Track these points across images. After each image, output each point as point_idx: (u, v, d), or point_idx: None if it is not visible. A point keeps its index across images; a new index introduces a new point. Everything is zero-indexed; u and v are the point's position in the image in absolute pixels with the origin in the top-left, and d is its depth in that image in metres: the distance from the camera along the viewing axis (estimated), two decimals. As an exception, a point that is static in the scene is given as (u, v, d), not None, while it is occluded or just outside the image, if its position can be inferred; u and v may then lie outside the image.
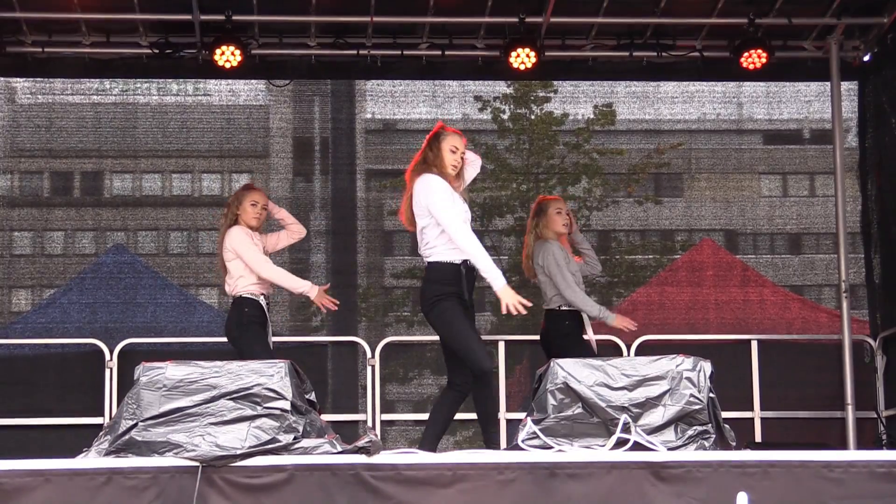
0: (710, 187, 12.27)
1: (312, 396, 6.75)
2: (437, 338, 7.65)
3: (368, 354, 10.45)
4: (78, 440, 7.24)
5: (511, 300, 7.23)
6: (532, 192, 14.15)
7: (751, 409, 10.50)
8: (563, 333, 8.65)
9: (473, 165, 7.70)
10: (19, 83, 11.75)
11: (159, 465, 6.25)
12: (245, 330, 8.42)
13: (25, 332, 11.10)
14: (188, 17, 10.07)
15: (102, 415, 10.02)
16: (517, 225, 13.48)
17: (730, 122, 12.43)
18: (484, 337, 12.57)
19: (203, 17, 10.09)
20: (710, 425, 6.65)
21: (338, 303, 8.45)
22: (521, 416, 6.95)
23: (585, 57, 10.82)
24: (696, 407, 6.63)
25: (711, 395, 6.71)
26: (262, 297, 8.50)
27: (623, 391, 6.68)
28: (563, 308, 8.66)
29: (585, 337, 8.64)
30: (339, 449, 6.42)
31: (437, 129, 7.56)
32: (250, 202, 8.66)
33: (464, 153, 7.53)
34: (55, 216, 12.17)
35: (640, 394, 6.67)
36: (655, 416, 6.63)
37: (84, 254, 12.09)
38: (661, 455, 6.44)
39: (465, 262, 7.33)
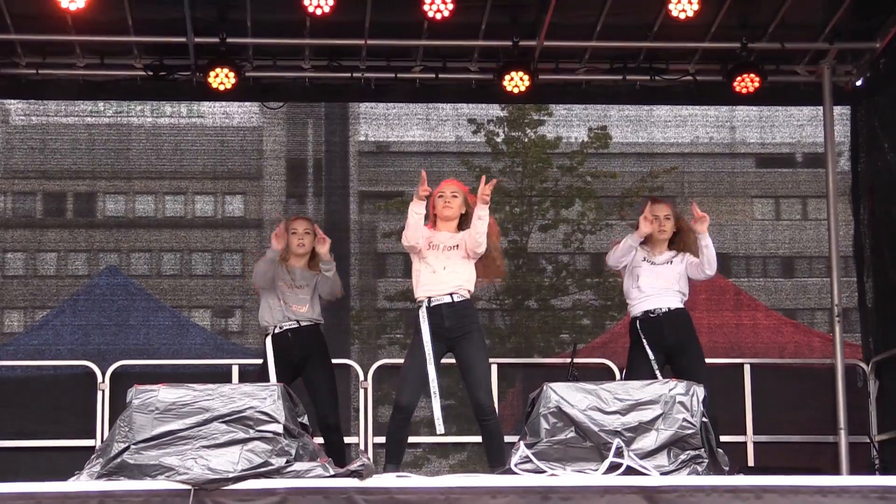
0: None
1: (305, 420, 6.74)
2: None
3: (361, 377, 10.43)
4: (70, 463, 7.21)
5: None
6: (525, 214, 14.17)
7: (744, 433, 10.48)
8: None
9: None
10: (13, 105, 11.76)
11: (151, 488, 6.23)
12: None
13: (18, 354, 11.08)
14: (182, 39, 10.08)
15: (94, 437, 9.99)
16: (510, 248, 13.49)
17: (723, 145, 12.46)
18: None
19: (197, 40, 10.11)
20: (703, 450, 6.65)
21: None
22: (514, 439, 6.95)
23: (579, 80, 10.86)
24: (689, 431, 6.63)
25: (704, 419, 6.71)
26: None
27: (616, 415, 6.67)
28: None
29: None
30: (332, 472, 6.40)
31: None
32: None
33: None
34: (48, 237, 12.16)
35: (633, 418, 6.66)
36: (648, 441, 6.62)
37: (77, 275, 12.07)
38: (654, 480, 6.43)
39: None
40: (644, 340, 8.37)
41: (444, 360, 7.80)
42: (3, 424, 10.29)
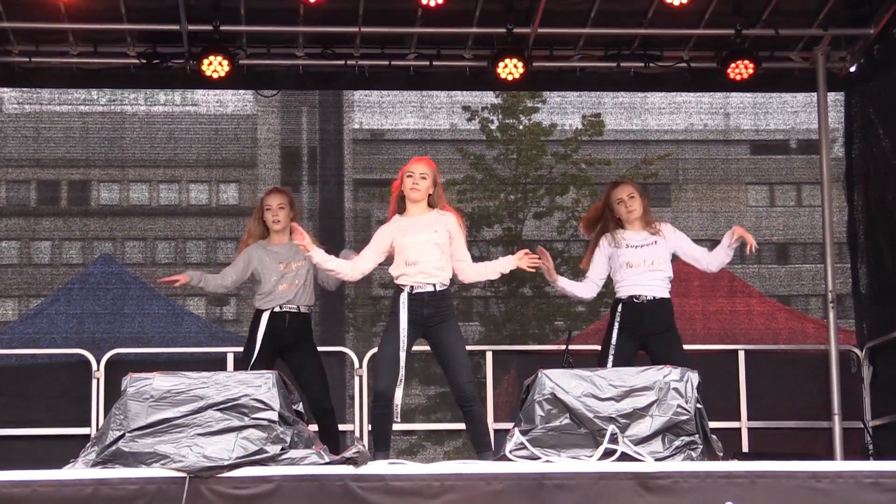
0: (697, 197, 12.30)
1: (300, 407, 6.75)
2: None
3: (356, 365, 10.42)
4: (65, 451, 7.22)
5: None
6: (520, 202, 14.19)
7: (738, 419, 10.50)
8: None
9: None
10: (6, 93, 11.75)
11: (146, 475, 6.24)
12: None
13: (12, 343, 11.07)
14: (176, 27, 10.06)
15: (89, 425, 9.98)
16: (505, 235, 13.52)
17: (717, 132, 12.48)
18: (471, 347, 12.73)
19: (191, 28, 10.08)
20: (697, 436, 6.67)
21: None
22: (509, 426, 6.97)
23: (573, 67, 10.84)
24: (684, 417, 6.65)
25: (699, 405, 6.73)
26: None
27: (611, 402, 6.69)
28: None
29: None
30: (327, 460, 6.42)
31: None
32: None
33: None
34: (42, 226, 12.16)
35: (628, 404, 6.68)
36: (643, 427, 6.64)
37: (71, 264, 12.08)
38: (648, 466, 6.45)
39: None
40: (616, 325, 8.35)
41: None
42: (-2, 412, 10.30)
